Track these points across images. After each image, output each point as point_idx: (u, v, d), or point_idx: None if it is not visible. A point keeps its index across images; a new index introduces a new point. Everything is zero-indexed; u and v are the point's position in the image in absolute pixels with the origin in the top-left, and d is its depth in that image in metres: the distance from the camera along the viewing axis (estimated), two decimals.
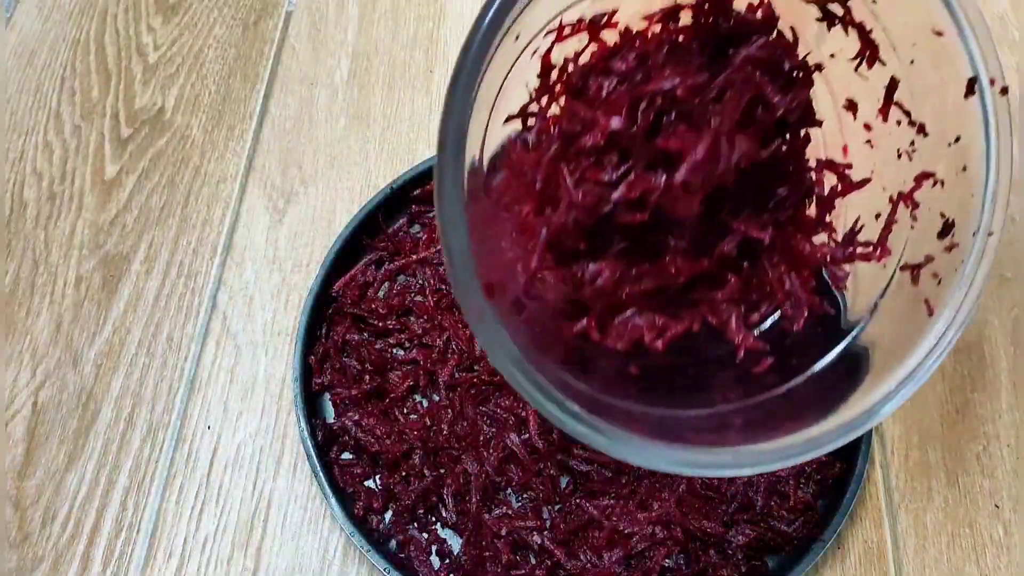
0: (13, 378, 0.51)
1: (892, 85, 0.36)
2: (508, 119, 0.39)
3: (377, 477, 0.47)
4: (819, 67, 0.39)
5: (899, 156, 0.37)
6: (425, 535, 0.45)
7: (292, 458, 0.49)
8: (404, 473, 0.47)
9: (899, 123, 0.37)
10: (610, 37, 0.39)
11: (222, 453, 0.49)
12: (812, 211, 0.39)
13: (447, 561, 0.45)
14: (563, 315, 0.38)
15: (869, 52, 0.37)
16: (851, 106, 0.39)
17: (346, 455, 0.48)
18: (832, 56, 0.38)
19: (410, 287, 0.52)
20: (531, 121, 0.39)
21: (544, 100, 0.38)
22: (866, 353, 0.36)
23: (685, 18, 0.39)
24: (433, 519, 0.46)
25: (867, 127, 0.38)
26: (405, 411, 0.48)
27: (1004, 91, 0.32)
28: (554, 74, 0.39)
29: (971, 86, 0.33)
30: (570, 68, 0.39)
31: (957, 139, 0.34)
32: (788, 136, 0.38)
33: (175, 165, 0.59)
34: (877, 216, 0.37)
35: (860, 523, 0.46)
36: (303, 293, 0.52)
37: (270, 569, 0.46)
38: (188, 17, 0.66)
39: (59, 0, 0.67)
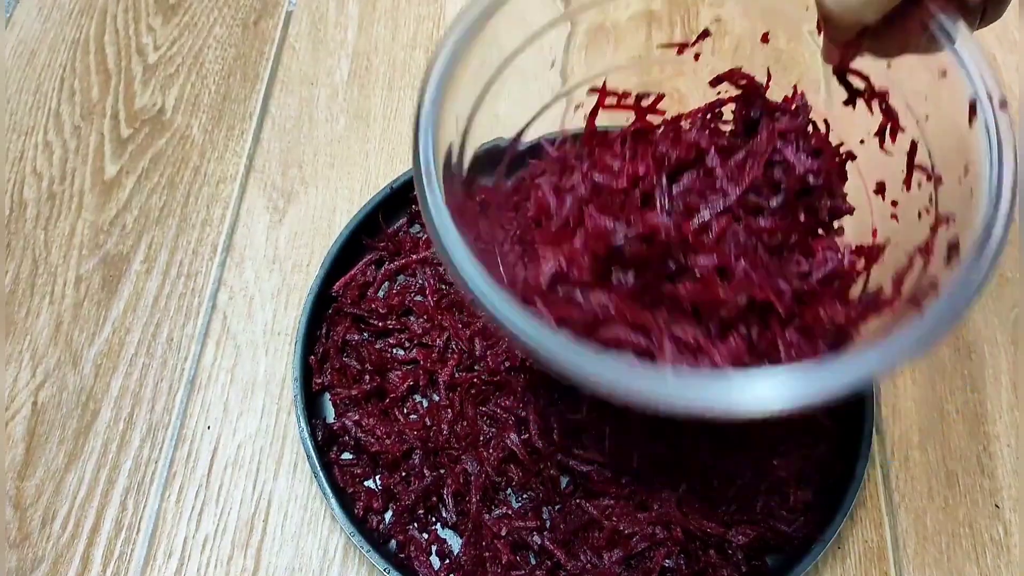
0: (13, 378, 0.51)
1: (912, 149, 0.37)
2: (538, 170, 0.41)
3: (377, 477, 0.47)
4: (851, 156, 0.40)
5: (919, 217, 0.37)
6: (425, 535, 0.45)
7: (292, 458, 0.49)
8: (404, 473, 0.47)
9: (920, 185, 0.37)
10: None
11: (222, 453, 0.49)
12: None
13: (447, 561, 0.45)
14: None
15: (891, 124, 0.38)
16: (880, 189, 0.39)
17: (346, 455, 0.48)
18: (862, 142, 0.39)
19: (410, 287, 0.52)
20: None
21: (584, 155, 0.40)
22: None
23: (727, 113, 0.41)
24: (433, 519, 0.46)
25: (894, 203, 0.39)
26: (405, 411, 0.48)
27: (1003, 104, 0.32)
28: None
29: (972, 109, 0.33)
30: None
31: (966, 170, 0.34)
32: (816, 211, 0.38)
33: (175, 165, 0.59)
34: (895, 276, 0.37)
35: (860, 523, 0.46)
36: (303, 293, 0.52)
37: (270, 569, 0.46)
38: (188, 17, 0.66)
39: (59, 0, 0.67)
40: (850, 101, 0.39)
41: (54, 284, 0.54)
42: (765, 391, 0.28)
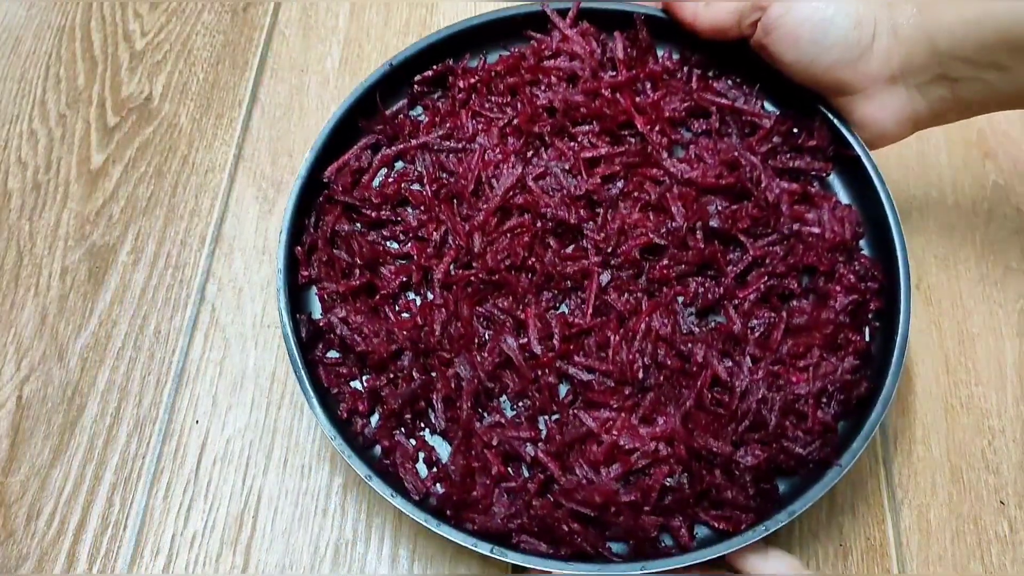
0: None
1: None
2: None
3: (364, 378, 0.44)
4: None
5: None
6: (412, 441, 0.43)
7: (282, 453, 0.48)
8: (392, 375, 0.44)
9: None
10: None
11: (211, 448, 0.48)
12: None
13: (434, 470, 0.42)
14: None
15: None
16: None
17: (332, 354, 0.45)
18: None
19: (408, 175, 0.48)
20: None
21: None
22: None
23: None
24: (421, 425, 0.43)
25: None
26: (396, 309, 0.45)
27: None
28: None
29: None
30: None
31: None
32: None
33: (163, 154, 0.58)
34: None
35: (862, 519, 0.45)
36: None
37: (260, 566, 0.45)
38: (176, 3, 0.64)
39: None
40: None
41: (39, 276, 0.53)
42: None
